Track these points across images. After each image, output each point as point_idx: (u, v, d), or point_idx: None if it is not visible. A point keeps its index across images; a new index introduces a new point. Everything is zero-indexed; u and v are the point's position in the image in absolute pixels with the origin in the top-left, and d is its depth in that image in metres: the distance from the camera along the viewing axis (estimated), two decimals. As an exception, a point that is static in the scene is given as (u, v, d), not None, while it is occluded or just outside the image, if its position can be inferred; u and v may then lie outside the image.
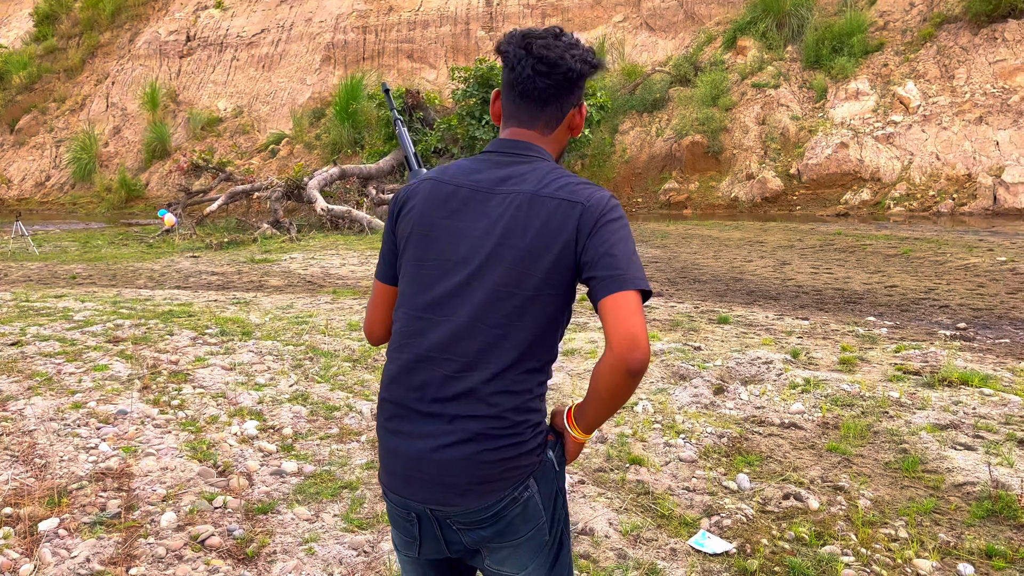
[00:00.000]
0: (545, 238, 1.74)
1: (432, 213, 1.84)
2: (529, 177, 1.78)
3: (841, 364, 6.44)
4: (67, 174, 32.56)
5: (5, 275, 13.41)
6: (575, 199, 1.73)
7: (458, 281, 1.79)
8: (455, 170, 1.86)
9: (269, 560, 3.42)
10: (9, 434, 4.88)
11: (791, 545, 3.56)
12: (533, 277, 1.75)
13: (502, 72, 1.84)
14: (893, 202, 20.56)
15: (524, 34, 1.79)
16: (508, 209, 1.77)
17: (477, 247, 1.78)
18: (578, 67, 1.77)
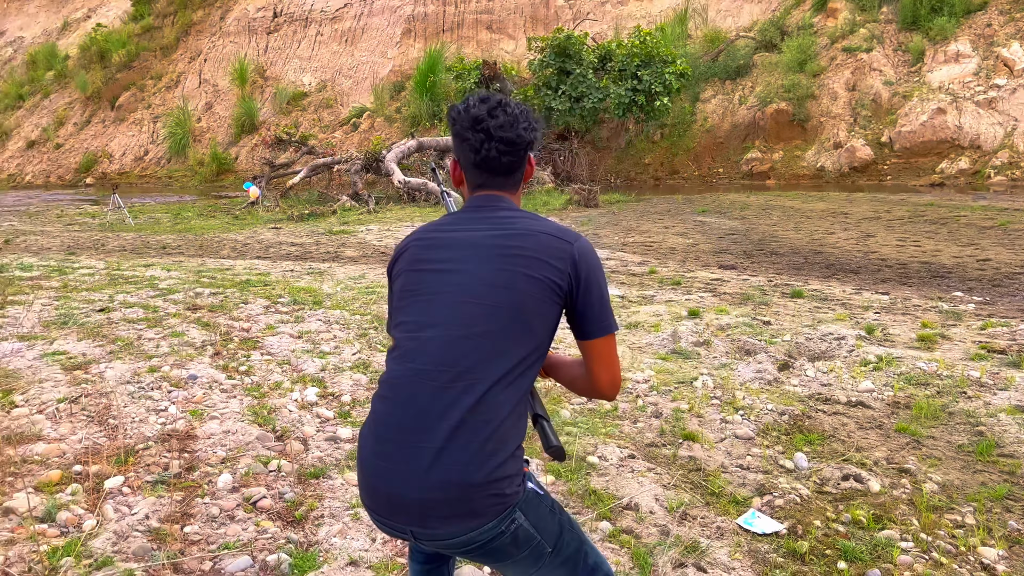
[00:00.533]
0: (536, 268, 1.89)
1: (421, 255, 1.99)
2: (511, 219, 1.95)
3: (919, 341, 6.14)
4: (163, 149, 33.91)
5: (102, 245, 14.09)
6: (565, 237, 1.93)
7: (448, 303, 1.90)
8: (436, 224, 2.04)
9: (316, 523, 3.50)
10: (88, 395, 5.13)
11: (846, 528, 3.42)
12: (524, 307, 1.88)
13: (456, 144, 2.02)
14: (994, 171, 19.43)
15: (476, 118, 1.96)
16: (496, 246, 1.91)
17: (468, 278, 1.90)
18: (531, 137, 2.00)
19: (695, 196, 19.39)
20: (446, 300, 1.89)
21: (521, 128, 1.96)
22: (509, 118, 1.95)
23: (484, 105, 1.97)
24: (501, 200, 2.01)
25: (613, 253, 11.42)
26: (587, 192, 18.27)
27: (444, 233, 1.98)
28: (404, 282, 1.98)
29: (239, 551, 3.25)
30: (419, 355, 1.87)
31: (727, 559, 3.15)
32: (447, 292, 1.90)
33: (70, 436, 4.44)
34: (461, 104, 2.02)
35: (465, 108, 1.99)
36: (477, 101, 1.99)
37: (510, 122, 1.95)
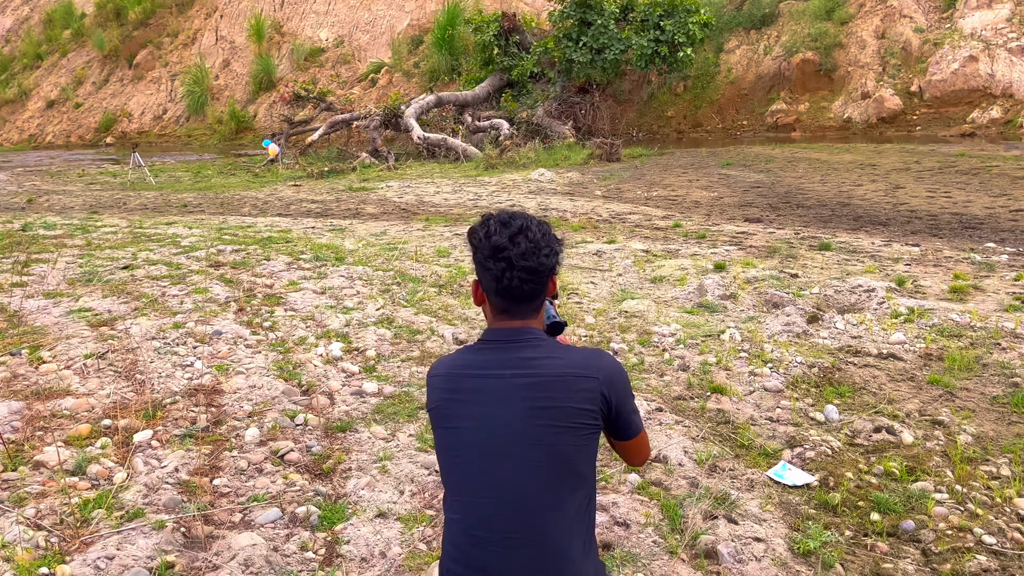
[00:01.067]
0: (570, 417, 1.89)
1: (452, 409, 1.94)
2: (537, 360, 1.91)
3: (951, 293, 6.02)
4: (182, 107, 33.85)
5: (124, 203, 14.14)
6: (592, 374, 1.90)
7: (492, 470, 1.89)
8: (463, 361, 1.98)
9: (344, 476, 3.50)
10: (115, 351, 5.16)
11: (878, 480, 3.37)
12: (563, 456, 1.89)
13: (477, 269, 1.96)
14: (1027, 120, 18.91)
15: (497, 247, 1.90)
16: (526, 399, 1.88)
17: (504, 439, 1.87)
18: (553, 263, 1.94)
19: (719, 149, 19.08)
20: (490, 468, 1.87)
21: (543, 256, 1.91)
22: (531, 245, 1.89)
23: (505, 231, 1.91)
24: (525, 334, 1.96)
25: (636, 207, 11.28)
26: (609, 146, 18.02)
27: (472, 378, 1.94)
28: (443, 439, 1.95)
29: (268, 503, 3.26)
30: (479, 524, 1.86)
31: (758, 511, 3.12)
32: (487, 456, 1.88)
33: (98, 391, 4.47)
34: (481, 228, 1.95)
35: (486, 235, 1.93)
36: (499, 226, 1.92)
37: (532, 250, 1.89)
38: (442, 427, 1.94)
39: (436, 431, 1.98)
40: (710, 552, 2.83)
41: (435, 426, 1.98)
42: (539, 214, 10.98)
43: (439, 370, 2.00)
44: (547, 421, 1.86)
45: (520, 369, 1.90)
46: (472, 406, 1.91)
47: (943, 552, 2.85)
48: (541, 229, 1.94)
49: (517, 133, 19.77)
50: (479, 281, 2.01)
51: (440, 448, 1.96)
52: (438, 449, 1.97)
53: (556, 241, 1.95)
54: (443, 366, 2.00)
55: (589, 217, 10.47)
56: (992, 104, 19.92)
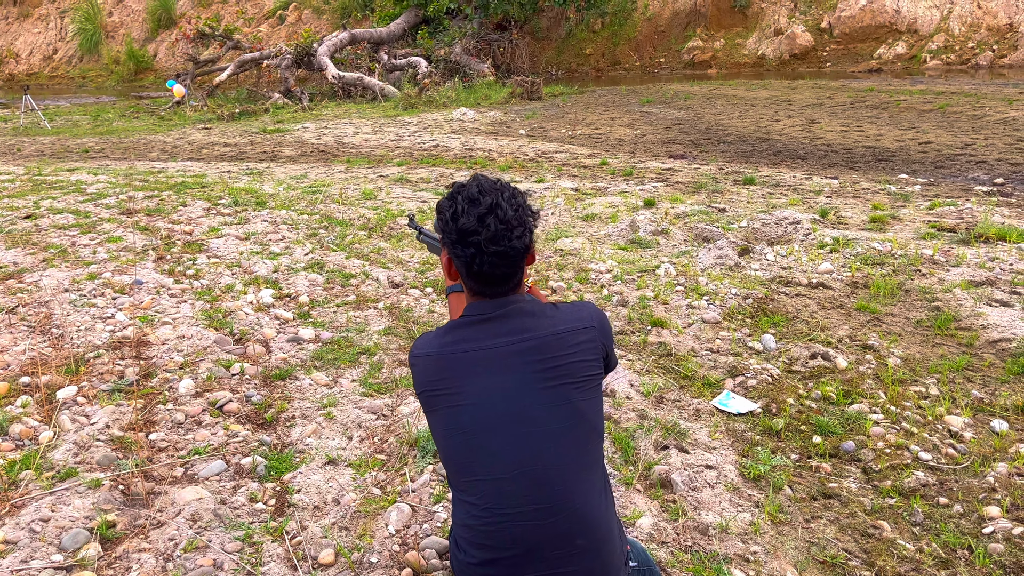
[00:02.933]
0: (579, 370, 1.83)
1: (453, 386, 1.82)
2: (530, 324, 1.83)
3: (872, 223, 6.21)
4: (73, 47, 31.73)
5: (18, 150, 13.25)
6: (586, 323, 1.86)
7: (513, 444, 1.79)
8: (450, 337, 1.87)
9: (288, 424, 3.40)
10: (25, 305, 4.85)
11: (818, 404, 3.48)
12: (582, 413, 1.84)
13: (448, 246, 1.84)
14: (929, 55, 19.58)
15: (464, 231, 1.77)
16: (531, 363, 1.80)
17: (519, 406, 1.79)
18: (527, 242, 1.81)
19: (638, 87, 19.11)
20: (509, 440, 1.76)
21: (515, 238, 1.78)
22: (502, 226, 1.76)
23: (474, 210, 1.77)
24: (509, 303, 1.84)
25: (562, 146, 11.22)
26: (530, 84, 17.81)
27: (466, 354, 1.82)
28: (444, 421, 1.83)
29: (210, 456, 3.14)
30: (504, 501, 1.75)
31: (707, 439, 3.18)
32: (505, 429, 1.77)
33: (12, 347, 4.20)
34: (448, 207, 1.81)
35: (453, 216, 1.79)
36: (467, 204, 1.78)
37: (503, 232, 1.76)
38: (441, 408, 1.83)
39: (432, 414, 1.86)
40: (664, 481, 2.88)
41: (430, 409, 1.86)
42: (464, 154, 10.81)
43: (425, 349, 1.88)
44: (561, 380, 1.79)
45: (515, 336, 1.81)
46: (473, 381, 1.80)
47: (883, 470, 2.96)
48: (514, 203, 1.81)
49: (435, 71, 19.31)
50: (451, 257, 1.88)
51: (441, 430, 1.84)
52: (439, 432, 1.85)
53: (530, 215, 1.85)
54: (429, 346, 1.89)
55: (515, 156, 10.36)
56: (898, 40, 20.50)
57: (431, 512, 2.77)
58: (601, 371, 1.89)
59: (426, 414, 1.91)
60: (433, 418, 1.87)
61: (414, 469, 3.01)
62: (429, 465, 3.03)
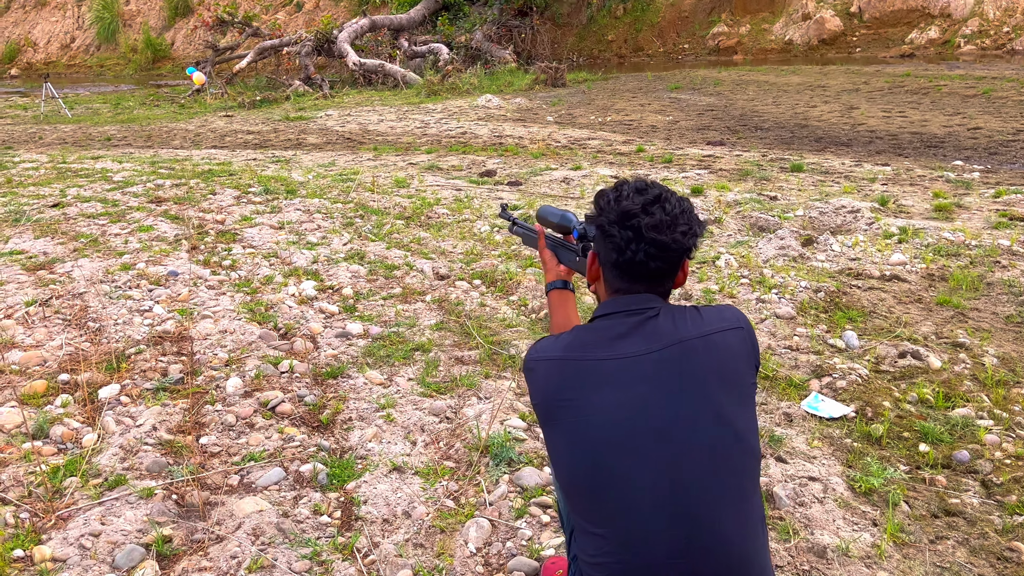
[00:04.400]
0: (734, 383, 1.60)
1: (582, 398, 1.58)
2: (672, 327, 1.61)
3: (936, 211, 5.91)
4: (91, 35, 31.63)
5: (40, 138, 13.09)
6: (735, 323, 1.65)
7: (657, 467, 1.54)
8: (575, 341, 1.65)
9: (345, 427, 3.17)
10: (59, 297, 4.65)
11: (916, 408, 3.21)
12: (740, 432, 1.59)
13: (598, 237, 1.67)
14: (963, 40, 19.10)
15: (626, 212, 1.61)
16: (679, 372, 1.57)
17: (663, 422, 1.54)
18: (690, 243, 1.63)
19: (663, 73, 18.74)
20: (648, 462, 1.51)
21: (679, 231, 1.60)
22: (667, 217, 1.59)
23: (639, 197, 1.62)
24: (649, 301, 1.63)
25: (594, 133, 10.93)
26: (554, 71, 17.49)
27: (599, 361, 1.58)
28: (569, 437, 1.57)
29: (267, 462, 2.91)
30: (645, 535, 1.50)
31: (805, 447, 2.92)
32: (644, 449, 1.52)
33: (48, 342, 3.99)
34: (612, 191, 1.67)
35: (616, 198, 1.64)
36: (632, 191, 1.64)
37: (668, 222, 1.59)
38: (565, 422, 1.58)
39: (553, 428, 1.60)
40: (767, 495, 2.62)
41: (550, 422, 1.61)
42: (493, 141, 10.55)
43: (548, 353, 1.64)
44: (711, 391, 1.53)
45: (656, 340, 1.56)
46: (606, 392, 1.55)
47: (1006, 483, 2.70)
48: (682, 204, 1.63)
49: (457, 58, 19.02)
50: (596, 253, 1.67)
51: (563, 448, 1.59)
52: (561, 450, 1.60)
53: (698, 223, 1.64)
54: (552, 348, 1.64)
55: (547, 143, 10.08)
56: (930, 24, 20.02)
57: (513, 528, 2.53)
58: (755, 381, 1.64)
59: (544, 428, 1.66)
60: (553, 433, 1.62)
61: (489, 479, 2.77)
62: (505, 475, 2.79)
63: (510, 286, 4.72)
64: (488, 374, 3.59)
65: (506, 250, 5.46)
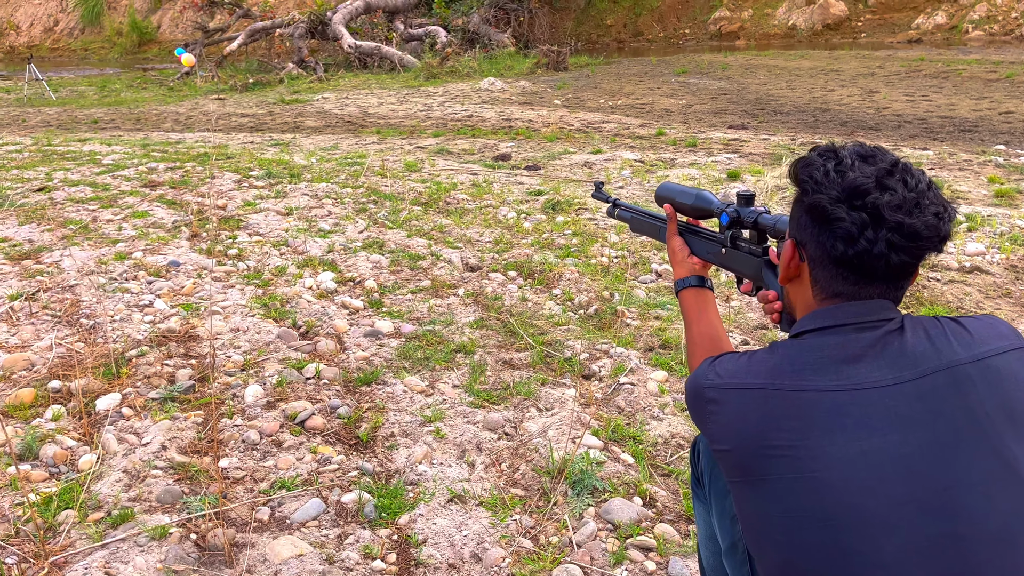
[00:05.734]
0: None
1: (797, 442, 1.10)
2: (935, 347, 1.14)
3: (997, 197, 5.50)
4: (75, 18, 30.79)
5: (23, 121, 12.48)
6: (1017, 343, 1.17)
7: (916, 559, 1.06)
8: (784, 362, 1.17)
9: (388, 446, 2.71)
10: (47, 290, 4.15)
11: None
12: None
13: (808, 221, 1.20)
14: (971, 25, 18.73)
15: (857, 188, 1.14)
16: (946, 392, 1.10)
17: (925, 490, 1.06)
18: (946, 230, 1.16)
19: (666, 58, 18.26)
20: (917, 545, 1.04)
21: (931, 212, 1.14)
22: (912, 194, 1.13)
23: (869, 167, 1.15)
24: (885, 311, 1.18)
25: (607, 116, 10.45)
26: (555, 54, 16.98)
27: (823, 390, 1.12)
28: (792, 504, 1.10)
29: (302, 490, 2.45)
30: None
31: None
32: (910, 526, 1.05)
33: (36, 342, 3.51)
34: (825, 157, 1.19)
35: (837, 168, 1.16)
36: (856, 158, 1.17)
37: (915, 201, 1.13)
38: (777, 479, 1.11)
39: (758, 488, 1.14)
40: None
41: (752, 479, 1.15)
42: (502, 124, 10.06)
43: (742, 378, 1.18)
44: (1004, 441, 1.07)
45: (911, 365, 1.12)
46: (839, 439, 1.08)
47: None
48: (925, 177, 1.17)
49: (455, 41, 18.46)
50: (799, 243, 1.23)
51: (776, 515, 1.12)
52: (770, 518, 1.13)
53: (949, 203, 1.18)
54: (749, 372, 1.18)
55: (560, 127, 9.60)
56: (937, 9, 19.64)
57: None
58: None
59: (738, 487, 1.18)
60: (757, 493, 1.14)
61: (570, 513, 2.32)
62: (590, 507, 2.34)
63: (551, 278, 4.26)
64: (545, 380, 3.13)
65: (537, 238, 5.00)
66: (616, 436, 2.73)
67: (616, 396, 3.01)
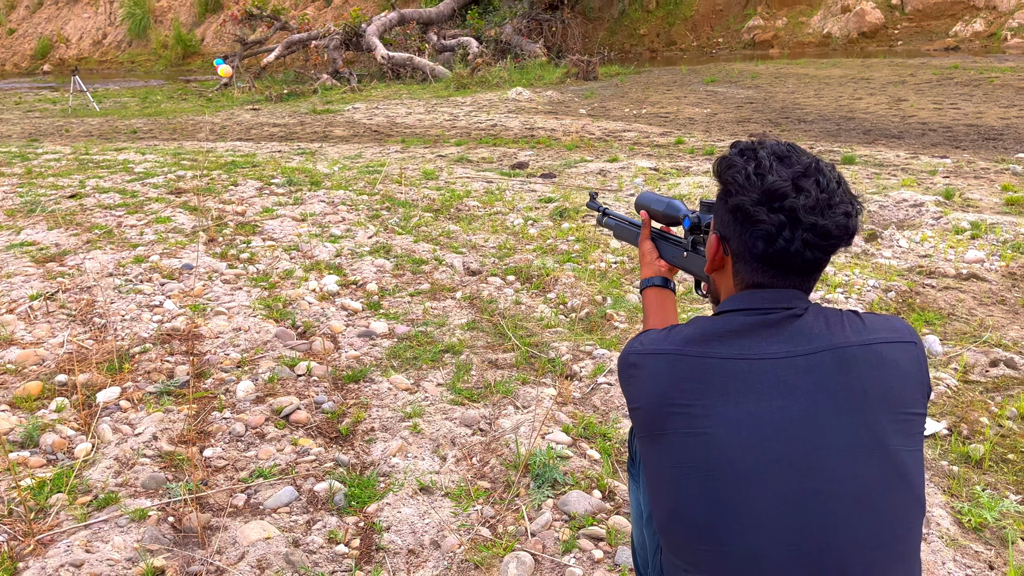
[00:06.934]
0: (903, 405, 1.23)
1: (698, 404, 1.23)
2: (827, 330, 1.25)
3: (1008, 205, 5.45)
4: (123, 31, 31.73)
5: (66, 131, 12.95)
6: (907, 337, 1.28)
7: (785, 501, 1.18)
8: (694, 333, 1.30)
9: (367, 439, 2.82)
10: (66, 291, 4.36)
11: (1018, 425, 2.80)
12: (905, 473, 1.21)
13: (731, 219, 1.31)
14: (1011, 32, 18.38)
15: (774, 191, 1.24)
16: (833, 386, 1.21)
17: (800, 443, 1.19)
18: (854, 227, 1.28)
19: (698, 67, 18.25)
20: (784, 497, 1.16)
21: (841, 212, 1.25)
22: (824, 195, 1.24)
23: (785, 169, 1.26)
24: (795, 299, 1.29)
25: (629, 125, 10.51)
26: (585, 64, 17.08)
27: (725, 360, 1.24)
28: (684, 456, 1.22)
29: (278, 479, 2.57)
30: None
31: (897, 471, 2.52)
32: (779, 481, 1.16)
33: (48, 339, 3.70)
34: (744, 159, 1.29)
35: (757, 171, 1.26)
36: (773, 160, 1.27)
37: (827, 201, 1.24)
38: (674, 434, 1.22)
39: (657, 441, 1.26)
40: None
41: (654, 433, 1.26)
42: (524, 133, 10.18)
43: (658, 346, 1.30)
44: (873, 414, 1.18)
45: (803, 343, 1.23)
46: (732, 401, 1.20)
47: None
48: (835, 173, 1.27)
49: (486, 52, 18.67)
50: (723, 239, 1.35)
51: (669, 467, 1.24)
52: (664, 469, 1.25)
53: (857, 199, 1.29)
54: (665, 342, 1.29)
55: (581, 136, 9.69)
56: (975, 16, 19.32)
57: (560, 566, 2.16)
58: (926, 411, 1.26)
59: (644, 442, 1.29)
60: (657, 447, 1.26)
61: (530, 504, 2.41)
62: (548, 499, 2.43)
63: (547, 283, 4.35)
64: (526, 380, 3.22)
65: (541, 244, 5.10)
66: (587, 433, 2.81)
67: (593, 395, 3.09)
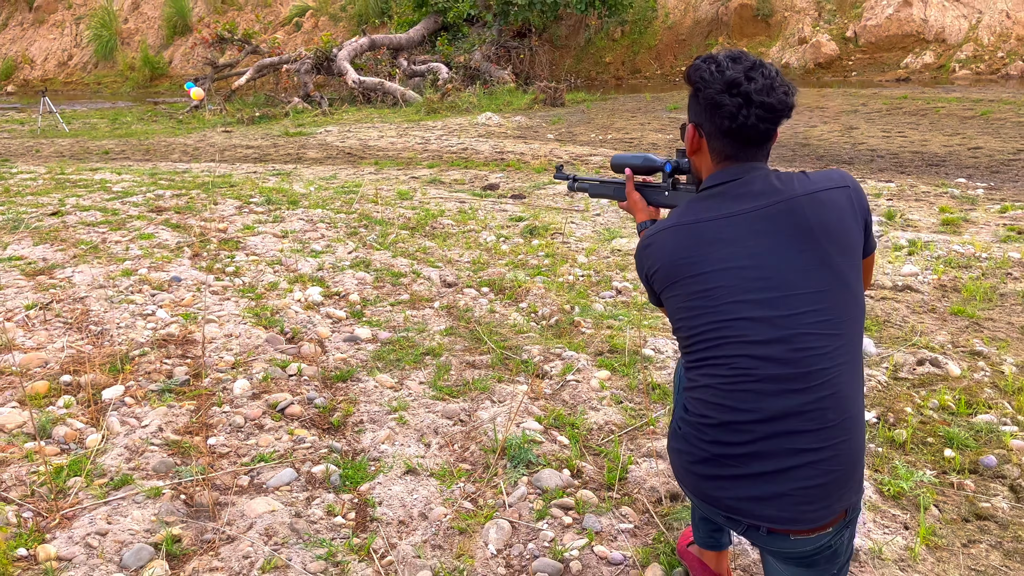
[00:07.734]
0: (843, 234, 1.71)
1: (694, 255, 1.71)
2: (779, 186, 1.72)
3: (944, 225, 5.90)
4: (89, 52, 31.67)
5: (37, 151, 13.03)
6: (841, 182, 1.74)
7: (764, 307, 1.67)
8: (688, 210, 1.77)
9: (357, 430, 3.10)
10: (59, 301, 4.57)
11: (938, 414, 3.16)
12: (846, 279, 1.72)
13: (703, 110, 1.76)
14: (958, 64, 19.26)
15: (732, 81, 1.70)
16: (789, 225, 1.69)
17: (771, 270, 1.67)
18: (792, 102, 1.75)
19: (661, 94, 18.84)
20: (763, 304, 1.65)
21: (781, 91, 1.72)
22: (768, 81, 1.72)
23: (738, 66, 1.73)
24: (754, 169, 1.75)
25: (595, 150, 10.93)
26: (552, 90, 17.56)
27: (710, 222, 1.72)
28: (691, 291, 1.70)
29: (277, 463, 2.83)
30: (760, 366, 1.64)
31: (830, 451, 2.86)
32: (758, 293, 1.65)
33: (49, 344, 3.91)
34: (708, 63, 1.75)
35: (718, 69, 1.73)
36: (728, 61, 1.74)
37: (770, 85, 1.71)
38: (687, 279, 1.70)
39: (670, 290, 1.74)
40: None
41: (667, 286, 1.75)
42: (495, 157, 10.53)
43: (662, 225, 1.78)
44: (818, 243, 1.65)
45: (763, 199, 1.69)
46: (719, 249, 1.68)
47: (1036, 487, 2.64)
48: (773, 67, 1.75)
49: (456, 77, 19.09)
50: (697, 125, 1.78)
51: (681, 302, 1.72)
52: (678, 304, 1.73)
53: (791, 84, 1.76)
54: (666, 222, 1.76)
55: (549, 159, 10.07)
56: (925, 49, 20.20)
57: (535, 530, 2.45)
58: (862, 238, 1.73)
59: (665, 294, 1.77)
60: (671, 295, 1.75)
61: (507, 481, 2.70)
62: (524, 477, 2.72)
63: (519, 293, 4.66)
64: (501, 378, 3.52)
65: (513, 259, 5.41)
66: (557, 423, 3.11)
67: (563, 391, 3.40)
